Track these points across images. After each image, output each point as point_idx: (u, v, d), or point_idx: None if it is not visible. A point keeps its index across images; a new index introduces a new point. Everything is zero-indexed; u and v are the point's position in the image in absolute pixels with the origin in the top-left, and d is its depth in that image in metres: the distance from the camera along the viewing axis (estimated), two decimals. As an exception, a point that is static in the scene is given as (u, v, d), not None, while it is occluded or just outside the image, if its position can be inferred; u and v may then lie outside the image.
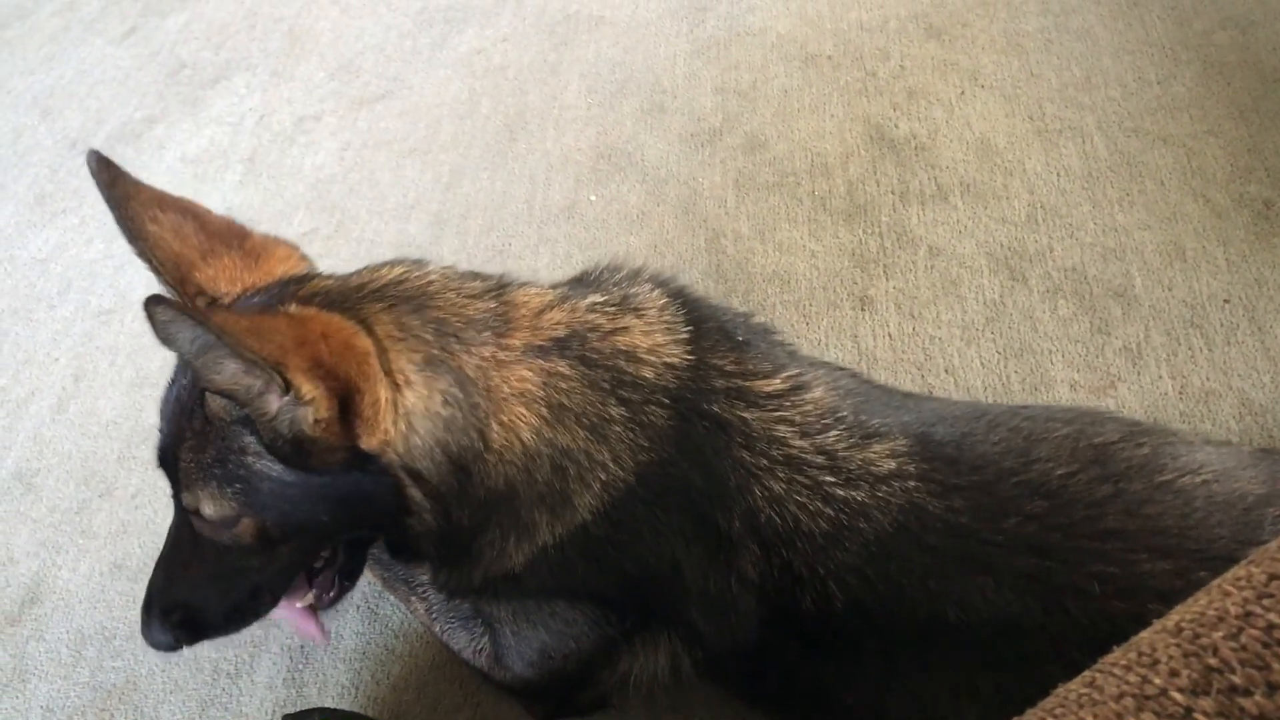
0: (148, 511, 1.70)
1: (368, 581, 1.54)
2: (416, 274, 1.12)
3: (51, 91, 2.69)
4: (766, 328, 1.27)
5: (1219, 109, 1.96)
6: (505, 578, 1.16)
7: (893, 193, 1.95)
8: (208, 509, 1.07)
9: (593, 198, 2.08)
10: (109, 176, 1.15)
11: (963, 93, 2.12)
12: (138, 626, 1.54)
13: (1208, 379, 1.58)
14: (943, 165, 1.98)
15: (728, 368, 1.13)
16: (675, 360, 1.12)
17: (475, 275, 1.16)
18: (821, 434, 1.09)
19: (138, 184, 1.16)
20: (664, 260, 1.92)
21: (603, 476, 1.09)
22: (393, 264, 1.14)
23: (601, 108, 2.28)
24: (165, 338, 0.91)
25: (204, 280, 1.15)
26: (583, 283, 1.23)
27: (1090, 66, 2.11)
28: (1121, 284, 1.72)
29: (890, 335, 1.72)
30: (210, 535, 1.13)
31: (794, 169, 2.04)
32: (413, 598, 1.46)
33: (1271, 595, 0.59)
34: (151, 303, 0.88)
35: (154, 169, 2.37)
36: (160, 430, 1.12)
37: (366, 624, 1.51)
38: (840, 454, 1.07)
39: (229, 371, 0.94)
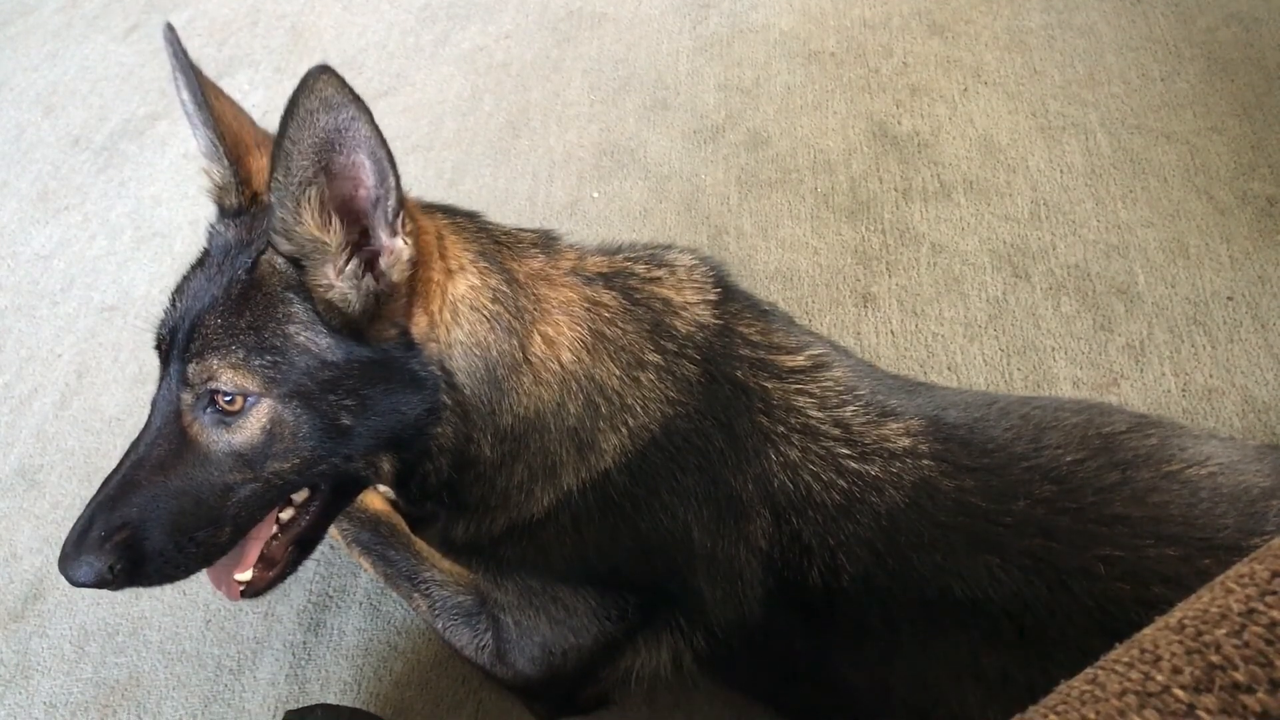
0: (150, 508, 1.70)
1: (370, 578, 1.54)
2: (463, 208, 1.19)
3: (54, 88, 2.69)
4: (788, 315, 1.30)
5: (1222, 106, 1.96)
6: (524, 533, 1.17)
7: (895, 190, 1.95)
8: (225, 378, 1.00)
9: (595, 194, 2.08)
10: (181, 49, 1.11)
11: (965, 89, 2.11)
12: (140, 622, 1.56)
13: (1211, 376, 1.58)
14: (945, 162, 1.98)
15: (753, 337, 1.17)
16: (705, 320, 1.16)
17: None
18: (839, 408, 1.11)
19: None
20: (666, 257, 1.92)
21: (630, 422, 1.11)
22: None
23: (604, 104, 2.28)
24: (301, 127, 0.88)
25: (254, 170, 1.12)
26: (606, 249, 1.27)
27: (1093, 63, 2.10)
28: (1124, 281, 1.72)
29: (893, 332, 1.72)
30: (203, 432, 1.04)
31: (796, 166, 2.04)
32: (415, 594, 1.46)
33: (1274, 592, 0.59)
34: (323, 69, 0.86)
35: (157, 166, 2.37)
36: (170, 310, 1.08)
37: (369, 620, 1.52)
38: (856, 428, 1.10)
39: (308, 223, 0.96)
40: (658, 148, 2.15)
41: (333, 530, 1.54)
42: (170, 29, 1.12)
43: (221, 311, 1.02)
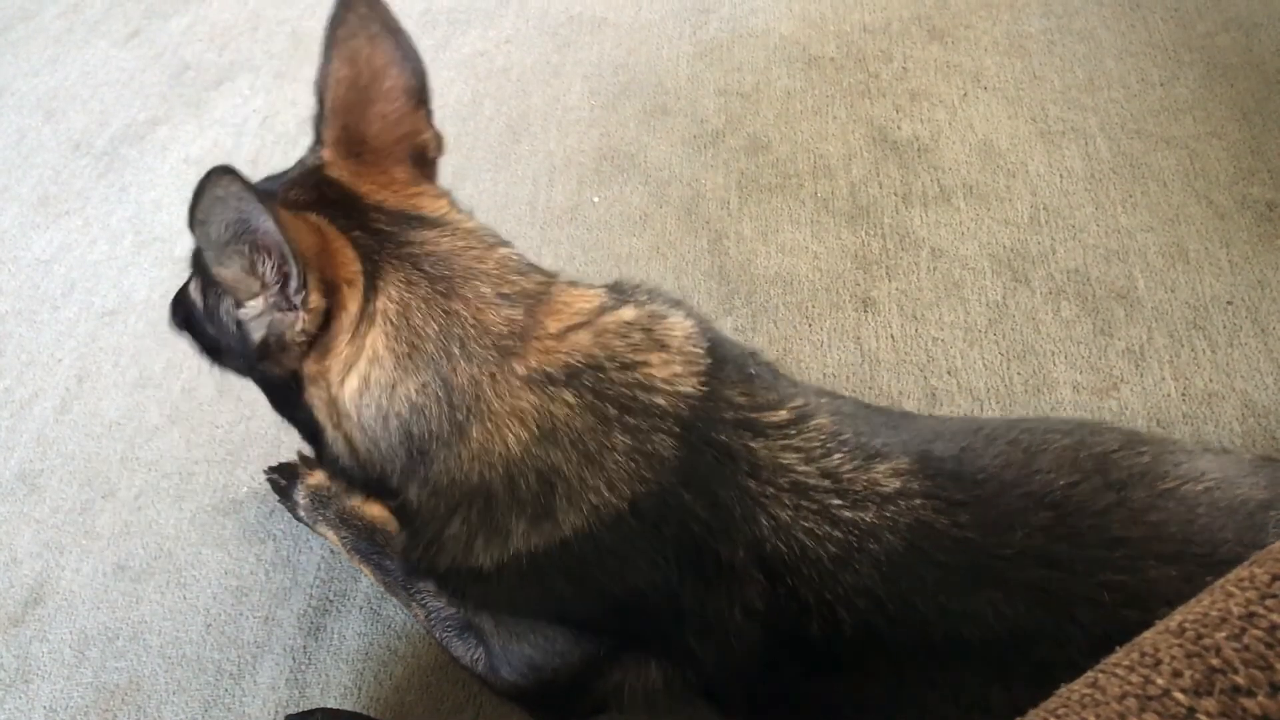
0: (150, 512, 1.70)
1: (370, 583, 1.54)
2: (464, 251, 1.10)
3: (55, 93, 2.69)
4: (772, 365, 1.25)
5: (1222, 111, 1.96)
6: (473, 577, 1.13)
7: (895, 194, 1.95)
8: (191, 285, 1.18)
9: (595, 199, 2.08)
10: (340, 15, 1.10)
11: (965, 94, 2.12)
12: (140, 627, 1.56)
13: (1210, 381, 1.58)
14: (945, 167, 1.98)
15: (738, 399, 1.11)
16: (689, 390, 1.10)
17: (527, 272, 1.13)
18: (826, 458, 1.07)
19: (380, 36, 1.12)
20: (666, 261, 1.92)
21: (594, 500, 1.05)
22: (459, 226, 1.13)
23: (604, 109, 2.28)
24: (207, 213, 0.91)
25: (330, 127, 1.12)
26: (619, 291, 1.19)
27: (1093, 68, 2.11)
28: (1124, 286, 1.72)
29: (893, 337, 1.72)
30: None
31: (796, 170, 2.04)
32: (412, 603, 1.46)
33: (1274, 596, 0.59)
34: (221, 171, 0.88)
35: (158, 170, 2.38)
36: None
37: (369, 625, 1.52)
38: (845, 476, 1.06)
39: (235, 269, 0.97)
40: (658, 152, 2.15)
41: (332, 536, 1.55)
42: None
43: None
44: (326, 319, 1.02)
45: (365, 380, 1.05)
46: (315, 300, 0.99)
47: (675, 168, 2.11)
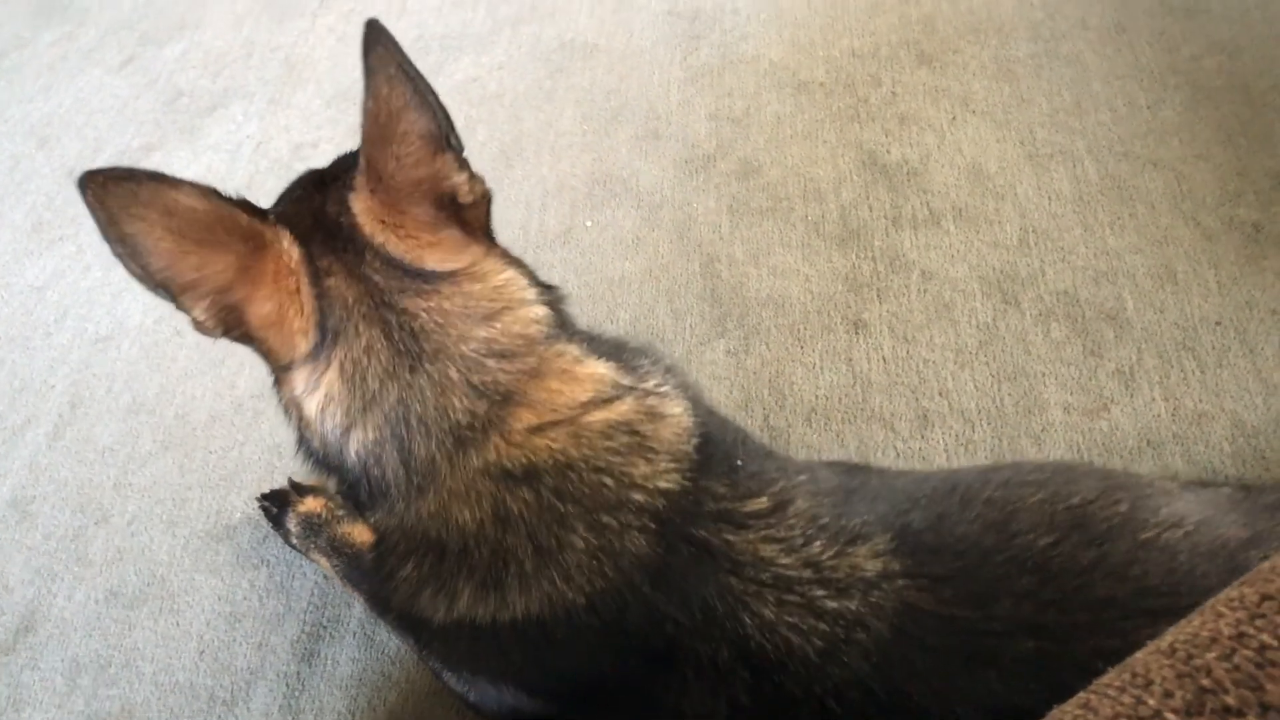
0: (144, 538, 1.70)
1: (363, 609, 1.54)
2: (446, 328, 1.05)
3: (49, 120, 2.70)
4: (762, 446, 1.21)
5: (1208, 133, 1.98)
6: (425, 628, 1.12)
7: (885, 217, 1.96)
8: None
9: (588, 223, 2.09)
10: (381, 49, 1.07)
11: (954, 118, 2.14)
12: (133, 654, 1.55)
13: (1200, 401, 1.59)
14: (935, 190, 2.00)
15: (719, 490, 1.07)
16: (670, 485, 1.06)
17: (516, 355, 1.07)
18: (807, 546, 1.03)
19: (396, 79, 1.08)
20: (659, 285, 1.93)
21: (547, 588, 1.03)
22: (464, 289, 1.08)
23: (596, 134, 2.30)
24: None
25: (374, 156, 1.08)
26: (631, 368, 1.15)
27: (1080, 92, 2.13)
28: (1113, 307, 1.73)
29: (884, 359, 1.73)
30: None
31: (787, 194, 2.05)
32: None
33: (1264, 616, 0.59)
34: (87, 179, 0.94)
35: (151, 197, 2.38)
36: None
37: (363, 651, 1.51)
38: (827, 564, 1.02)
39: None
40: (650, 177, 2.16)
41: (324, 563, 1.54)
42: (374, 22, 1.09)
43: None
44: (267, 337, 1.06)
45: (322, 411, 1.05)
46: (200, 315, 1.04)
47: (667, 192, 2.12)
